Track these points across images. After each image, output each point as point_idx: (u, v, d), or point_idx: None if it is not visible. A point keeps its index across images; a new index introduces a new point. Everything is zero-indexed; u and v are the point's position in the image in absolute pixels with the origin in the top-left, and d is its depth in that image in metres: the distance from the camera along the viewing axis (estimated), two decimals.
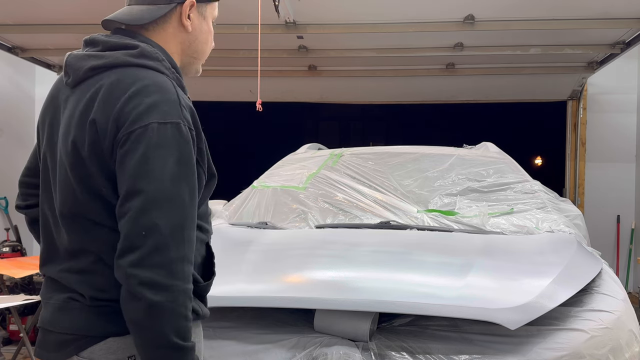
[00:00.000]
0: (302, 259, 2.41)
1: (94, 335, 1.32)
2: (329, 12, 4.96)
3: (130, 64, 1.36)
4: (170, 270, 1.23)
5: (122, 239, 1.24)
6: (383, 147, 4.01)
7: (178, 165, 1.27)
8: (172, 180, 1.26)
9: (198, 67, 1.57)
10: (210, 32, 1.55)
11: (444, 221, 2.99)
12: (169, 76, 1.39)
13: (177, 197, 1.26)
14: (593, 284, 2.23)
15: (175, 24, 1.47)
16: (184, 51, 1.50)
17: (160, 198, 1.24)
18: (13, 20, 5.25)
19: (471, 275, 2.16)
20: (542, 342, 1.91)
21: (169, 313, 1.23)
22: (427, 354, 1.87)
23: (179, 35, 1.48)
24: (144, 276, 1.21)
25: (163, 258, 1.22)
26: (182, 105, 1.34)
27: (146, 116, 1.27)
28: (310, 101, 7.65)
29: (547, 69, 6.66)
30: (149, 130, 1.26)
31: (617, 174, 7.07)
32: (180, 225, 1.26)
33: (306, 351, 1.87)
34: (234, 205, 3.46)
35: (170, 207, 1.25)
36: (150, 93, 1.30)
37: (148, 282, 1.21)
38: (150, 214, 1.23)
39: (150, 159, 1.25)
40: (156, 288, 1.21)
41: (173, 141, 1.28)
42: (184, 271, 1.25)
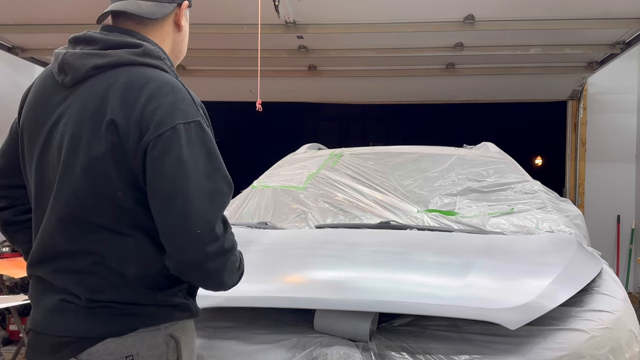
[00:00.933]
0: (302, 259, 2.41)
1: (92, 337, 1.33)
2: (329, 12, 4.96)
3: (136, 63, 1.37)
4: (223, 258, 1.33)
5: (177, 242, 1.29)
6: (383, 147, 4.01)
7: (209, 161, 1.32)
8: (207, 176, 1.31)
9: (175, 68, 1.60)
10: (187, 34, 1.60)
11: (444, 221, 2.99)
12: (172, 75, 1.40)
13: (215, 191, 1.32)
14: (593, 284, 2.23)
15: (171, 23, 1.50)
16: (172, 51, 1.53)
17: (202, 195, 1.29)
18: (13, 20, 5.25)
19: (471, 275, 2.16)
20: (542, 342, 1.91)
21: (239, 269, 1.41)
22: (427, 354, 1.87)
23: (173, 35, 1.52)
24: (209, 269, 1.31)
25: (217, 248, 1.30)
26: (196, 103, 1.38)
27: (171, 118, 1.30)
28: (310, 101, 7.65)
29: (547, 69, 6.66)
30: (177, 131, 1.29)
31: (617, 174, 7.07)
32: (224, 217, 1.34)
33: (306, 351, 1.87)
34: (234, 205, 3.46)
35: (213, 202, 1.31)
36: (167, 93, 1.33)
37: (210, 271, 1.32)
38: (198, 212, 1.28)
39: (185, 159, 1.28)
40: (218, 274, 1.35)
41: (199, 139, 1.32)
42: (232, 261, 1.37)
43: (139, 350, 1.34)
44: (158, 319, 1.38)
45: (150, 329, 1.36)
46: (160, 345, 1.37)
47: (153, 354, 1.36)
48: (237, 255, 1.40)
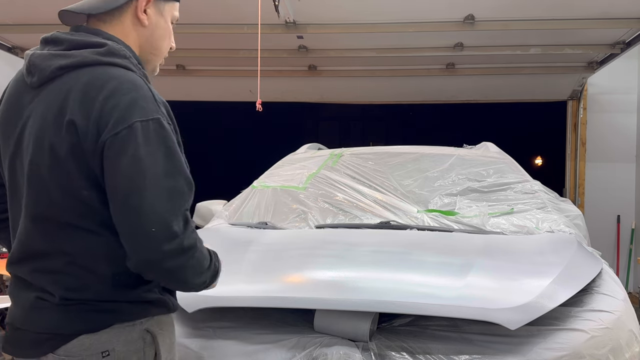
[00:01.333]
0: (302, 259, 2.41)
1: (68, 334, 1.35)
2: (329, 12, 4.96)
3: (100, 63, 1.37)
4: (183, 257, 1.31)
5: (133, 241, 1.29)
6: (383, 147, 4.01)
7: (168, 159, 1.31)
8: (165, 174, 1.29)
9: (156, 65, 1.58)
10: (168, 30, 1.56)
11: (444, 221, 2.99)
12: (137, 73, 1.40)
13: (174, 189, 1.30)
14: (593, 284, 2.23)
15: (131, 17, 1.48)
16: (142, 46, 1.51)
17: (159, 193, 1.28)
18: (13, 20, 5.25)
19: (471, 275, 2.16)
20: (542, 342, 1.91)
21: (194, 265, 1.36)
22: (427, 354, 1.87)
23: (136, 29, 1.49)
24: (166, 268, 1.30)
25: (175, 247, 1.28)
26: (157, 100, 1.36)
27: (128, 116, 1.28)
28: (310, 101, 7.65)
29: (547, 69, 6.66)
30: (134, 129, 1.28)
31: (617, 174, 7.07)
32: (184, 214, 1.32)
33: (306, 351, 1.87)
34: (234, 205, 3.46)
35: (171, 200, 1.29)
36: (127, 91, 1.31)
37: (168, 270, 1.31)
38: (157, 210, 1.27)
39: (141, 157, 1.27)
40: (177, 273, 1.33)
41: (158, 137, 1.31)
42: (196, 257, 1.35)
43: (114, 346, 1.36)
44: (133, 314, 1.39)
45: (125, 325, 1.38)
46: (137, 340, 1.39)
47: (129, 349, 1.38)
48: (203, 254, 1.38)
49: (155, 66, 1.58)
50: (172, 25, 1.58)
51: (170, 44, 1.58)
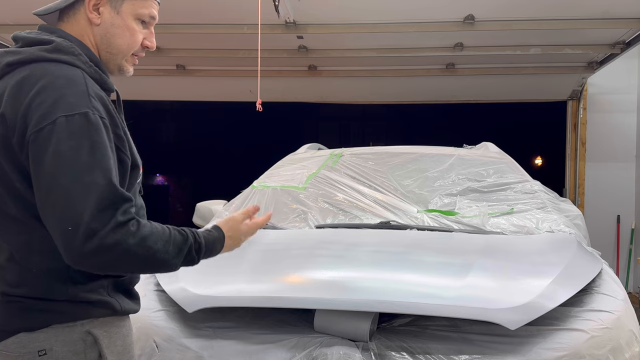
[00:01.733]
0: (302, 259, 2.41)
1: (7, 330, 1.36)
2: (329, 12, 4.96)
3: (44, 59, 1.38)
4: (103, 253, 1.26)
5: (55, 237, 1.27)
6: (383, 147, 4.01)
7: (91, 154, 1.28)
8: (87, 169, 1.27)
9: (121, 65, 1.55)
10: (128, 28, 1.51)
11: (444, 221, 2.99)
12: (85, 70, 1.40)
13: (93, 184, 1.27)
14: (593, 284, 2.23)
15: (85, 16, 1.48)
16: (98, 45, 1.50)
17: (79, 189, 1.25)
18: (13, 20, 5.25)
19: (471, 276, 2.16)
20: (542, 342, 1.91)
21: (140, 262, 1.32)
22: (427, 354, 1.87)
23: (91, 28, 1.49)
24: (86, 264, 1.27)
25: (94, 245, 1.24)
26: (91, 95, 1.35)
27: (53, 112, 1.28)
28: (310, 101, 7.65)
29: (547, 69, 6.66)
30: (57, 125, 1.28)
31: (617, 174, 7.06)
32: (104, 208, 1.27)
33: (306, 351, 1.87)
34: (234, 205, 3.46)
35: (90, 195, 1.26)
36: (57, 87, 1.32)
37: (91, 265, 1.28)
38: (73, 206, 1.24)
39: (63, 153, 1.26)
40: (101, 264, 1.28)
41: (82, 131, 1.29)
42: (121, 235, 1.28)
43: (52, 345, 1.35)
44: (72, 315, 1.38)
45: (64, 325, 1.36)
46: (77, 341, 1.38)
47: (69, 350, 1.36)
48: (145, 246, 1.30)
49: (120, 65, 1.55)
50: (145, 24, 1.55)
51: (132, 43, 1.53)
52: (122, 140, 1.41)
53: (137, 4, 1.52)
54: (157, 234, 1.34)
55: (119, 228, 1.27)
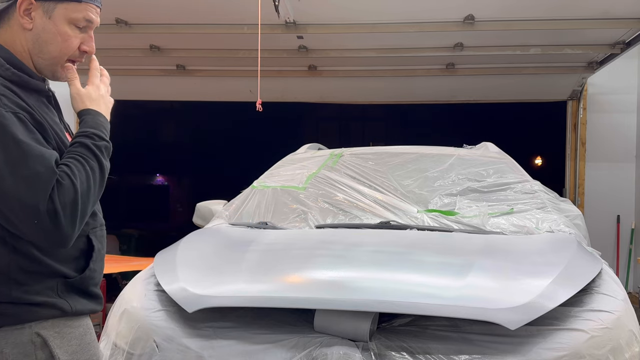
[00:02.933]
0: (302, 259, 2.41)
1: None
2: (329, 12, 4.96)
3: None
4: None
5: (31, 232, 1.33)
6: (383, 147, 4.01)
7: (16, 147, 1.31)
8: (19, 163, 1.30)
9: (55, 71, 1.54)
10: (60, 33, 1.49)
11: (444, 221, 2.99)
12: (0, 73, 1.41)
13: (33, 175, 1.30)
14: (593, 284, 2.23)
15: (17, 21, 1.46)
16: (30, 51, 1.49)
17: (22, 185, 1.29)
18: None
19: (471, 275, 2.16)
20: (542, 342, 1.91)
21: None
22: (427, 354, 1.87)
23: (24, 33, 1.47)
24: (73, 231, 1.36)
25: (63, 215, 1.32)
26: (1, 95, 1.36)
27: None
28: (310, 101, 7.65)
29: (547, 69, 6.66)
30: None
31: (617, 174, 7.07)
32: (46, 186, 1.31)
33: (306, 351, 1.87)
34: (234, 205, 3.46)
35: (34, 185, 1.30)
36: None
37: (78, 228, 1.37)
38: (27, 203, 1.29)
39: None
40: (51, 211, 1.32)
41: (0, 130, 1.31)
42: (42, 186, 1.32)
43: (3, 348, 1.36)
44: (18, 317, 1.38)
45: (13, 327, 1.37)
46: (26, 343, 1.38)
47: (19, 351, 1.37)
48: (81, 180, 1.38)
49: (53, 71, 1.54)
50: (84, 28, 1.53)
51: (64, 49, 1.51)
52: (44, 129, 1.41)
53: (70, 8, 1.48)
54: (79, 164, 1.39)
55: (63, 190, 1.33)
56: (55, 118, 1.53)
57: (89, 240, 1.52)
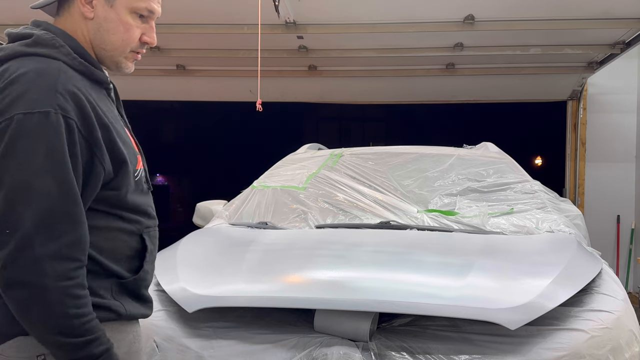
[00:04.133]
0: (302, 259, 2.41)
1: (4, 333, 1.29)
2: (329, 12, 4.96)
3: (22, 54, 1.32)
4: (35, 269, 1.18)
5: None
6: (383, 147, 4.01)
7: (45, 157, 1.20)
8: (37, 173, 1.20)
9: (118, 62, 1.46)
10: (122, 23, 1.41)
11: (444, 221, 2.99)
12: (67, 62, 1.32)
13: (40, 190, 1.19)
14: (593, 284, 2.23)
15: (78, 10, 1.41)
16: (92, 41, 1.42)
17: (23, 193, 1.18)
18: (13, 20, 5.25)
19: (471, 275, 2.16)
20: (542, 342, 1.91)
21: (41, 313, 1.20)
22: (427, 354, 1.87)
23: (85, 23, 1.41)
24: (8, 276, 1.19)
25: (27, 257, 1.18)
26: (60, 92, 1.25)
27: (11, 108, 1.22)
28: (310, 101, 7.65)
29: (547, 69, 6.66)
30: (14, 122, 1.21)
31: (617, 174, 7.06)
32: (47, 221, 1.20)
33: (306, 351, 1.87)
34: (234, 205, 3.46)
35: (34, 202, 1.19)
36: (24, 82, 1.24)
37: (13, 281, 1.19)
38: (13, 209, 1.18)
39: (13, 151, 1.20)
40: (22, 287, 1.18)
41: (39, 131, 1.21)
42: (55, 269, 1.19)
43: None
44: None
45: None
46: None
47: None
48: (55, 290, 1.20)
49: (117, 62, 1.46)
50: (145, 18, 1.45)
51: (127, 39, 1.43)
52: (98, 143, 1.30)
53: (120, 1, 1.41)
54: (83, 303, 1.24)
55: (61, 241, 1.21)
56: (115, 112, 1.46)
57: (143, 240, 1.44)
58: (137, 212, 1.43)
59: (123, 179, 1.37)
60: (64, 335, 1.21)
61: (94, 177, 1.30)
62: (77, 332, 1.22)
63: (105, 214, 1.36)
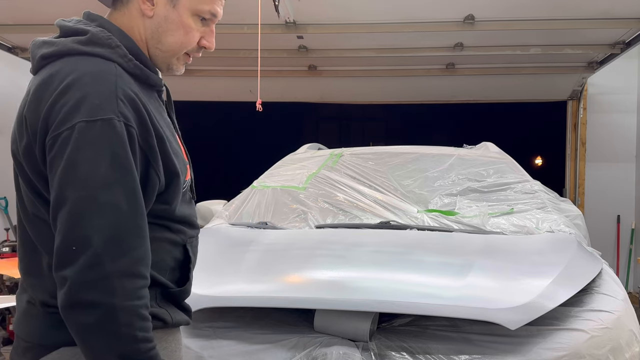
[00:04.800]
0: (302, 259, 2.41)
1: (47, 344, 1.23)
2: (329, 12, 4.96)
3: (77, 52, 1.24)
4: (105, 288, 1.10)
5: (55, 254, 1.13)
6: (383, 147, 4.01)
7: (111, 168, 1.14)
8: (103, 185, 1.13)
9: (171, 63, 1.39)
10: (183, 25, 1.34)
11: (444, 221, 2.99)
12: (122, 64, 1.25)
13: (109, 204, 1.13)
14: (593, 284, 2.23)
15: (137, 6, 1.33)
16: (148, 40, 1.35)
17: (90, 207, 1.12)
18: (13, 20, 5.25)
19: (471, 276, 2.16)
20: (542, 342, 1.91)
21: (108, 335, 1.11)
22: (427, 354, 1.87)
23: (143, 20, 1.33)
24: (75, 295, 1.10)
25: (96, 275, 1.10)
26: (120, 97, 1.19)
27: (73, 115, 1.14)
28: (310, 101, 7.65)
29: (547, 69, 6.66)
30: (75, 131, 1.13)
31: (617, 174, 7.07)
32: (116, 236, 1.13)
33: (306, 351, 1.87)
34: (234, 205, 3.46)
35: (103, 217, 1.12)
36: (81, 86, 1.17)
37: (80, 301, 1.10)
38: (80, 225, 1.11)
39: (77, 163, 1.12)
40: (89, 308, 1.10)
41: (103, 140, 1.14)
42: (124, 287, 1.12)
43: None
44: None
45: None
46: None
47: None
48: (123, 311, 1.12)
49: (169, 64, 1.39)
50: (206, 21, 1.38)
51: (185, 42, 1.36)
52: (154, 152, 1.23)
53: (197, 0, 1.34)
54: (148, 326, 1.16)
55: (131, 257, 1.14)
56: (166, 116, 1.38)
57: (186, 250, 1.37)
58: (182, 222, 1.38)
59: (174, 192, 1.31)
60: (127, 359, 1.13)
61: (150, 188, 1.24)
62: (139, 357, 1.14)
63: (151, 225, 1.27)
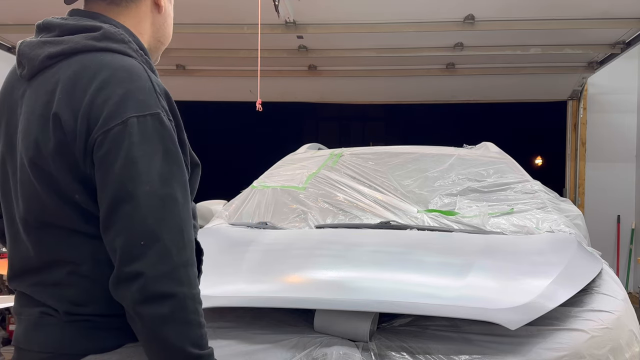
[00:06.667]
0: (302, 259, 2.41)
1: (72, 353, 1.20)
2: (329, 12, 4.97)
3: (93, 49, 1.21)
4: (175, 278, 1.12)
5: (120, 252, 1.12)
6: (383, 147, 4.01)
7: (166, 162, 1.15)
8: (162, 180, 1.14)
9: (159, 55, 1.45)
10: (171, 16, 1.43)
11: (444, 221, 2.99)
12: (138, 59, 1.24)
13: (170, 198, 1.15)
14: (593, 284, 2.23)
15: (149, 3, 1.34)
16: (153, 34, 1.38)
17: (154, 202, 1.13)
18: (13, 20, 5.25)
19: (471, 276, 2.16)
20: (542, 342, 1.91)
21: (181, 323, 1.12)
22: (427, 354, 1.87)
23: (153, 16, 1.36)
24: (151, 289, 1.11)
25: (167, 267, 1.12)
26: (158, 92, 1.20)
27: (122, 110, 1.13)
28: (310, 101, 7.66)
29: (547, 69, 6.67)
30: (129, 126, 1.13)
31: (617, 174, 7.07)
32: (180, 228, 1.15)
33: (306, 351, 1.86)
34: (234, 205, 3.46)
35: (166, 210, 1.14)
36: (121, 81, 1.16)
37: (155, 295, 1.11)
38: (146, 220, 1.12)
39: (136, 159, 1.12)
40: (163, 299, 1.11)
41: (156, 135, 1.15)
42: (189, 276, 1.15)
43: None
44: None
45: (139, 344, 1.19)
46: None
47: None
48: (191, 299, 1.14)
49: (157, 56, 1.43)
50: None
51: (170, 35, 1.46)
52: (184, 145, 1.25)
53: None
54: (201, 309, 1.18)
55: (190, 248, 1.16)
56: None
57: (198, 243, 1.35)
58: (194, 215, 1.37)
59: (195, 182, 1.33)
60: (197, 346, 1.14)
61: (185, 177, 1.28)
62: (204, 343, 1.16)
63: None
